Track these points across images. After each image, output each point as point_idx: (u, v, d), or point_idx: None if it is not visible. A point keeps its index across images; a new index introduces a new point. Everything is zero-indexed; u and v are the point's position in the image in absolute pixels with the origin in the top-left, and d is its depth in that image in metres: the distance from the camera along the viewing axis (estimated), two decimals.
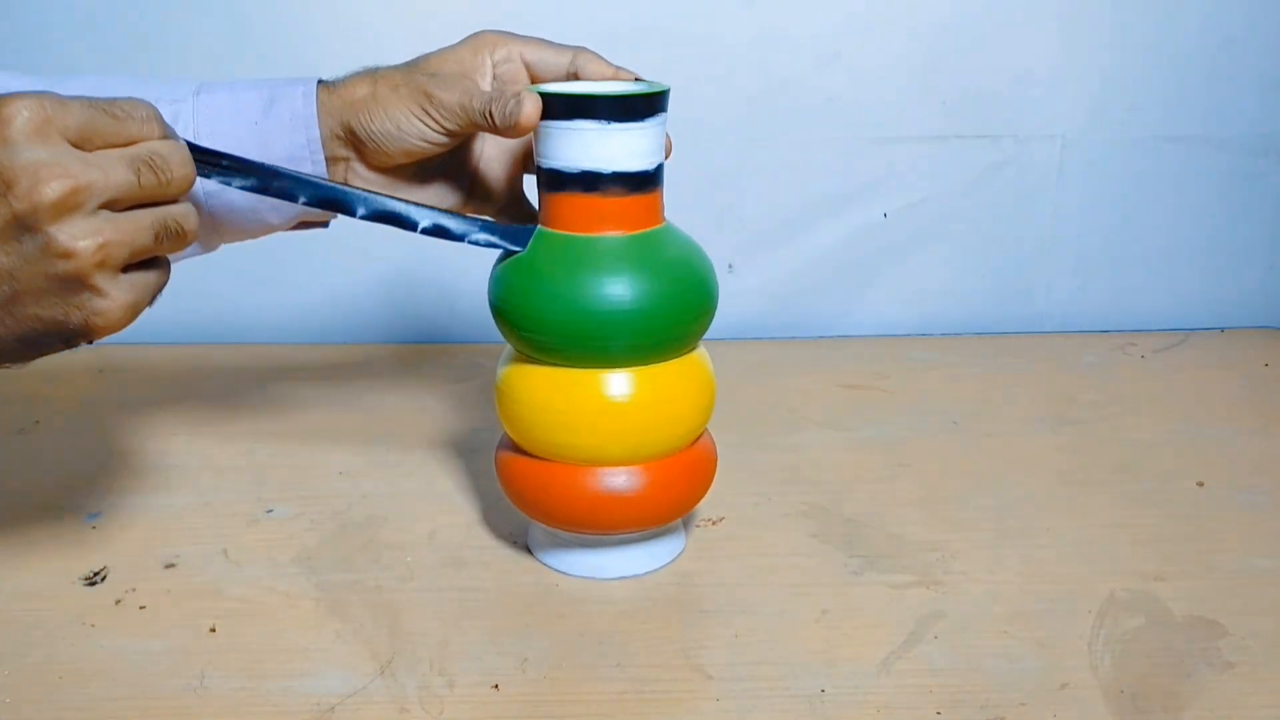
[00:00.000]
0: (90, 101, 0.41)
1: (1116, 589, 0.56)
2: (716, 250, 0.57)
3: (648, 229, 0.53)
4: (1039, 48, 0.94)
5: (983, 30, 0.93)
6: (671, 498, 0.56)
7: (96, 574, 0.58)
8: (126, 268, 0.42)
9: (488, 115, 0.51)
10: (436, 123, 0.53)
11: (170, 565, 0.59)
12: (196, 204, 0.54)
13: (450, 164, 0.58)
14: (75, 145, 0.40)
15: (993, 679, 0.49)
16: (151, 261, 0.43)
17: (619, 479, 0.54)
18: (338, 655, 0.51)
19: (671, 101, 0.53)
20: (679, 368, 0.55)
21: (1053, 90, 0.95)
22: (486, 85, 0.55)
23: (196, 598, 0.56)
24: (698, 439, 0.58)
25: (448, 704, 0.48)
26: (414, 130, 0.53)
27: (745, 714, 0.47)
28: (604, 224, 0.52)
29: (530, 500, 0.56)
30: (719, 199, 0.96)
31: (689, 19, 0.91)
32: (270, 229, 0.57)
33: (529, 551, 0.61)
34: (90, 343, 0.42)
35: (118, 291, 0.41)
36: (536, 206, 0.56)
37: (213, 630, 0.53)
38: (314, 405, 0.81)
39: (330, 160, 0.55)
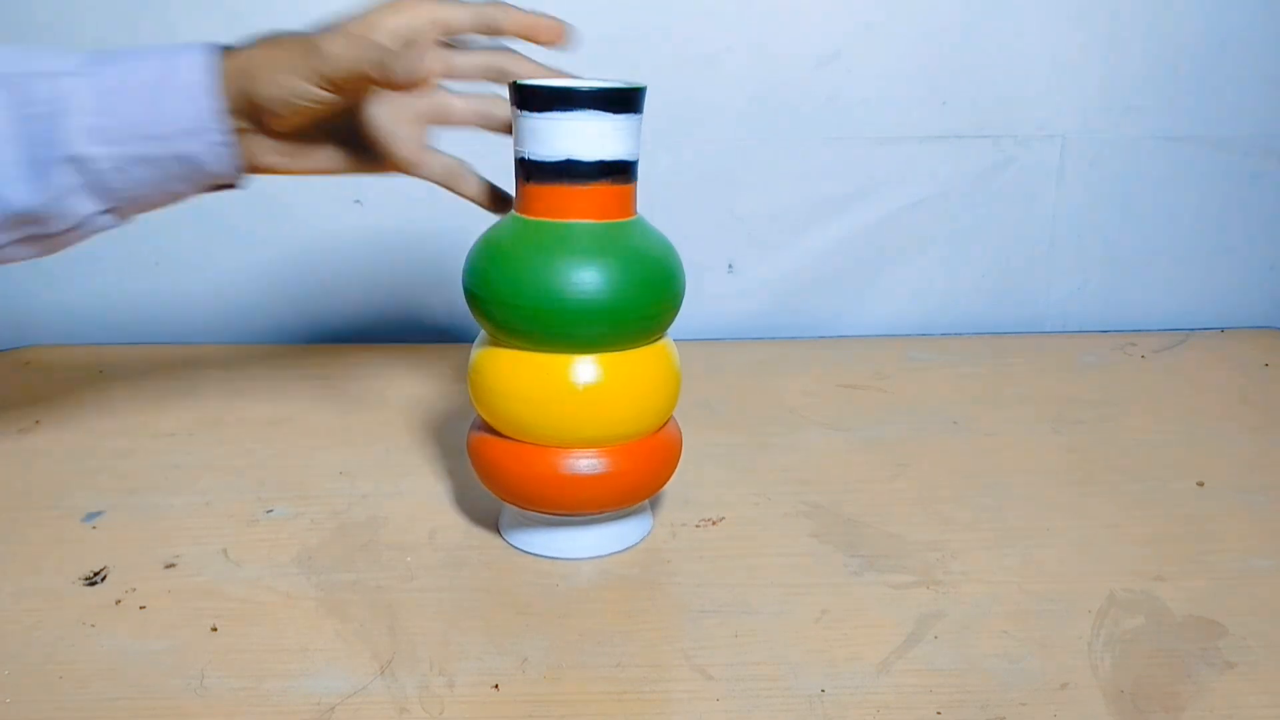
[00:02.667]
0: None
1: (1116, 589, 0.56)
2: (716, 250, 0.57)
3: (619, 220, 0.55)
4: (1039, 48, 0.94)
5: (983, 30, 0.93)
6: (635, 481, 0.57)
7: (96, 574, 0.58)
8: None
9: (383, 66, 0.48)
10: (322, 77, 0.50)
11: (170, 565, 0.59)
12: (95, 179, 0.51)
13: (345, 126, 0.56)
14: None
15: (993, 679, 0.49)
16: None
17: (584, 462, 0.56)
18: (338, 655, 0.51)
19: (671, 101, 0.54)
20: (644, 356, 0.56)
21: (1053, 90, 0.95)
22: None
23: (196, 598, 0.56)
24: (663, 425, 0.59)
25: (448, 704, 0.48)
26: (298, 89, 0.50)
27: (745, 714, 0.47)
28: (576, 212, 0.54)
29: (499, 480, 0.58)
30: (719, 199, 0.96)
31: (689, 19, 0.91)
32: (179, 197, 0.55)
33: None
34: None
35: None
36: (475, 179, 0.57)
37: (213, 630, 0.53)
38: (314, 405, 0.81)
39: (235, 134, 0.53)
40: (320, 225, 0.95)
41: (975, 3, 0.92)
